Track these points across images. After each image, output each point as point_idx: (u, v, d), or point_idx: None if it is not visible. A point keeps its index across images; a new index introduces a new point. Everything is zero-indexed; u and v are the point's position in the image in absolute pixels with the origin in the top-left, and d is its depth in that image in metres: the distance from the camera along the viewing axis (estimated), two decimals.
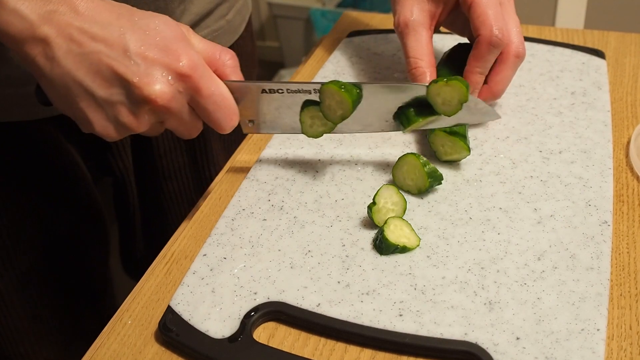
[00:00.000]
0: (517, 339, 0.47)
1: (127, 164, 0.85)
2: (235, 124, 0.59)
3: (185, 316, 0.51)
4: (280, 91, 0.61)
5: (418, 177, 0.60)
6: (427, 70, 0.65)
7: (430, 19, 0.66)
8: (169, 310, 0.52)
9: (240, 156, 0.70)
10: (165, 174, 0.87)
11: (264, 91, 0.61)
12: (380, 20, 0.94)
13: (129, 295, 0.55)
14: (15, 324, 0.79)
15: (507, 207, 0.59)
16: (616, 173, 0.63)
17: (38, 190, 0.77)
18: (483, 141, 0.67)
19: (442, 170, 0.63)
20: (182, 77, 0.53)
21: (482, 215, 0.58)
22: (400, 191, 0.59)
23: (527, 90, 0.74)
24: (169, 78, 0.53)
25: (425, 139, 0.68)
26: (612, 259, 0.54)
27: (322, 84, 0.60)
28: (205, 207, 0.63)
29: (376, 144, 0.68)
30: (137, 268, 1.01)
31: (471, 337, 0.48)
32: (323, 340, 0.50)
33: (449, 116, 0.60)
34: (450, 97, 0.59)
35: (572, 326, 0.48)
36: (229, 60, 0.59)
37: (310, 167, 0.65)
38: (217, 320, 0.51)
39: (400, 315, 0.50)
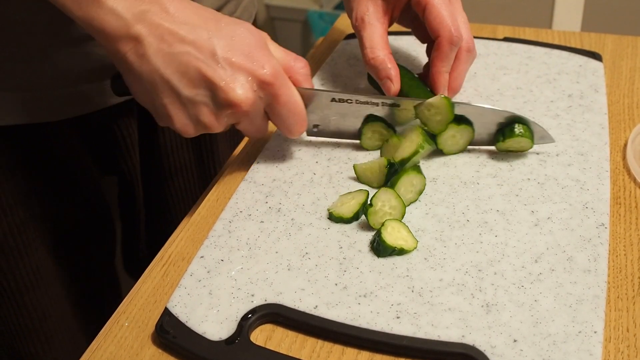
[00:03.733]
0: (515, 341, 0.48)
1: (134, 162, 0.86)
2: (304, 129, 0.63)
3: (182, 318, 0.51)
4: (349, 101, 0.64)
5: (416, 185, 0.60)
6: (385, 59, 0.67)
7: (384, 14, 0.69)
8: (166, 312, 0.52)
9: (238, 158, 0.70)
10: (172, 172, 0.88)
11: (333, 100, 0.64)
12: None
13: (126, 297, 0.55)
14: (27, 324, 0.80)
15: (504, 210, 0.59)
16: (613, 175, 0.63)
17: (49, 190, 0.77)
18: None
19: (439, 172, 0.63)
20: (264, 85, 0.57)
21: (480, 217, 0.58)
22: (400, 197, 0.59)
23: (524, 92, 0.75)
24: (253, 84, 0.56)
25: None
26: (609, 262, 0.54)
27: (397, 99, 0.64)
28: (202, 209, 0.63)
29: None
30: (139, 268, 1.01)
31: (468, 340, 0.48)
32: (320, 342, 0.50)
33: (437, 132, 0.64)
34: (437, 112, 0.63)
35: (569, 328, 0.48)
36: (302, 69, 0.62)
37: (307, 169, 0.65)
38: (214, 322, 0.51)
39: (398, 317, 0.50)
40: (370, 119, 0.65)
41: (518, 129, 0.63)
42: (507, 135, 0.63)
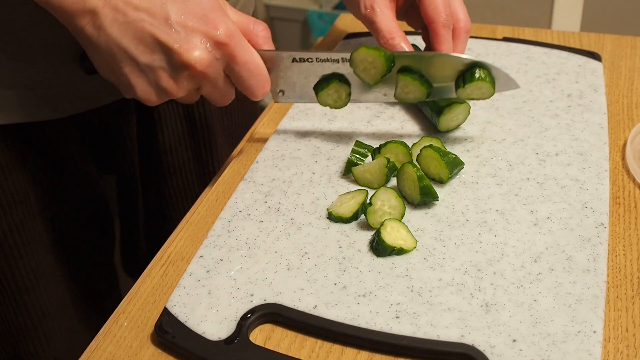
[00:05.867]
0: (514, 341, 0.48)
1: (134, 160, 0.86)
2: (267, 91, 0.63)
3: (182, 318, 0.51)
4: (310, 60, 0.65)
5: (412, 190, 0.60)
6: (402, 41, 0.68)
7: (390, 2, 0.71)
8: (165, 312, 0.52)
9: (237, 157, 0.70)
10: (171, 170, 0.88)
11: (294, 60, 0.65)
12: None
13: (125, 297, 0.55)
14: (26, 323, 0.80)
15: (503, 209, 0.59)
16: (612, 175, 0.63)
17: (48, 189, 0.78)
18: (480, 143, 0.67)
19: None
20: (219, 45, 0.57)
21: (479, 217, 0.58)
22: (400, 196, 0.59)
23: (523, 92, 0.75)
24: (207, 45, 0.57)
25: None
26: (608, 261, 0.54)
27: (352, 53, 0.64)
28: (201, 208, 0.63)
29: (374, 146, 0.68)
30: (138, 267, 1.01)
31: (468, 339, 0.48)
32: (320, 342, 0.50)
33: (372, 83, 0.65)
34: (373, 59, 0.63)
35: (568, 328, 0.48)
36: (262, 32, 0.63)
37: (307, 168, 0.65)
38: (213, 322, 0.51)
39: (397, 317, 0.50)
40: (341, 79, 0.65)
41: (479, 73, 0.62)
42: (467, 80, 0.63)
